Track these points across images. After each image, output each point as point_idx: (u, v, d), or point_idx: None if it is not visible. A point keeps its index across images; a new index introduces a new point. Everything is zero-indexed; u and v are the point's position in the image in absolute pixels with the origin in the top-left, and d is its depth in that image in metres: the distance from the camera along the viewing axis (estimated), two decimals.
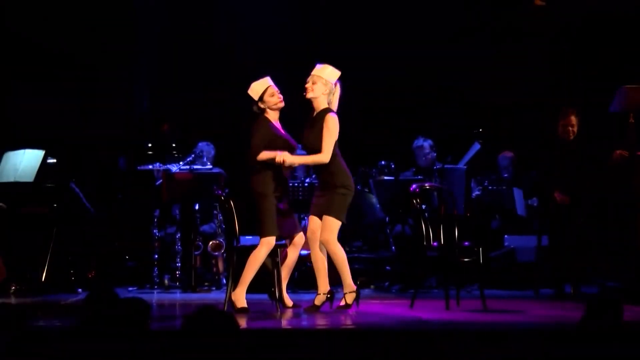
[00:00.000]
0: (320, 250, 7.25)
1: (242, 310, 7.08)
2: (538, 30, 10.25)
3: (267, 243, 7.19)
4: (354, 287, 7.25)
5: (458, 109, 10.35)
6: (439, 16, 10.29)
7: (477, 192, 9.45)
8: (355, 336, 5.98)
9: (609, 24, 10.13)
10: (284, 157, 7.10)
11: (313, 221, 7.26)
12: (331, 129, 7.13)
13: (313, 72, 7.26)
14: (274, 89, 7.33)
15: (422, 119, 10.27)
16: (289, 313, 7.20)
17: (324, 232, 7.14)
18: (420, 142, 9.52)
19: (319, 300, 7.27)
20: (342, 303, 7.23)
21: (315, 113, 7.27)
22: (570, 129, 8.32)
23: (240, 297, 7.18)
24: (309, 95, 7.25)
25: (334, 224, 7.14)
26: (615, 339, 4.29)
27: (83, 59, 10.17)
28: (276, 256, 7.24)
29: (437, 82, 10.32)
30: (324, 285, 7.26)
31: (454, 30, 10.32)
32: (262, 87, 7.33)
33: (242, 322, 6.39)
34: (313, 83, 7.24)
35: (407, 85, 10.29)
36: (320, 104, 7.25)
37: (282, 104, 7.34)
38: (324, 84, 7.22)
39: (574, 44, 10.28)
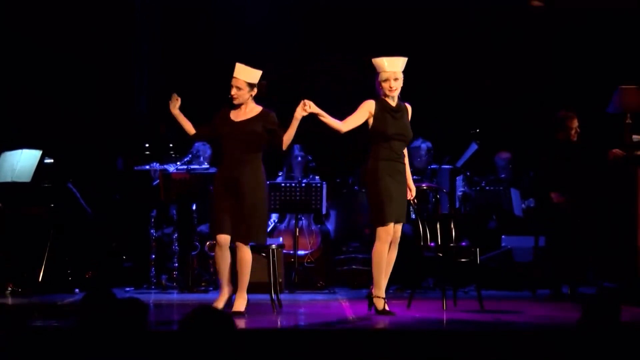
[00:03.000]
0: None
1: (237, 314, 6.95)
2: (538, 30, 10.25)
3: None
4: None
5: (456, 109, 10.34)
6: (438, 16, 10.28)
7: (462, 190, 9.43)
8: (353, 336, 5.98)
9: (609, 23, 10.13)
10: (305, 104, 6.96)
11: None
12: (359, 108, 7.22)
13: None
14: (233, 83, 7.12)
15: (421, 119, 10.24)
16: (285, 314, 7.18)
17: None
18: (418, 143, 9.51)
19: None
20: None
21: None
22: (578, 131, 8.35)
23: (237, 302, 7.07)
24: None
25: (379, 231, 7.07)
26: (613, 341, 4.28)
27: (83, 59, 10.16)
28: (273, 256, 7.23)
29: (436, 82, 10.31)
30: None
31: (454, 30, 10.32)
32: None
33: (240, 323, 6.36)
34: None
35: (405, 85, 10.25)
36: None
37: (234, 101, 7.19)
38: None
39: (573, 44, 10.29)
